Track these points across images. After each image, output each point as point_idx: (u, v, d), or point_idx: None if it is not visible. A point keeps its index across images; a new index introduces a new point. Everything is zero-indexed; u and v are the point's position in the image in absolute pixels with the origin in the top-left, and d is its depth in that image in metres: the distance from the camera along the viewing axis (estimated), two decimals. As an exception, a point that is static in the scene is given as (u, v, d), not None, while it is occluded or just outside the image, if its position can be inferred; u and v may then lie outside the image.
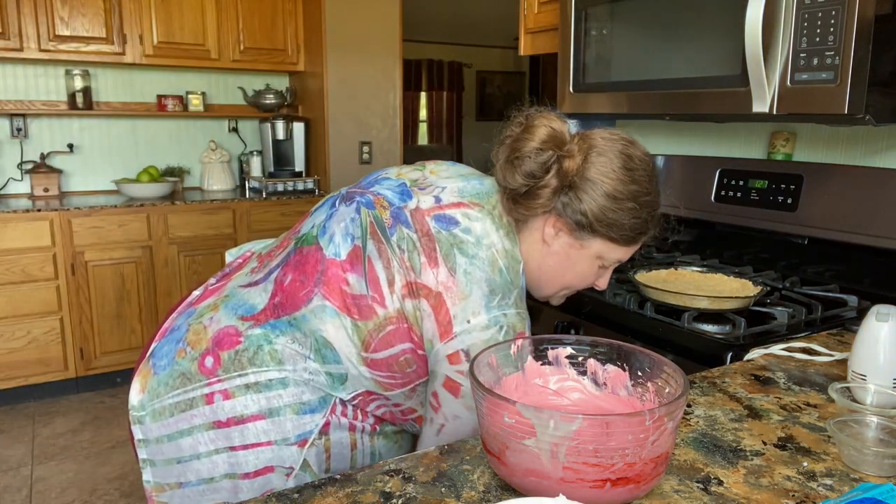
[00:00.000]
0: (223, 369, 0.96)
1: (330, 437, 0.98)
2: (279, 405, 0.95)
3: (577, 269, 1.03)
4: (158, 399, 0.99)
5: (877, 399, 0.90)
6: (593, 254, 1.01)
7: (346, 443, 1.01)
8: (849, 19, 1.15)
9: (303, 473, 0.96)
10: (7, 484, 2.53)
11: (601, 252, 1.01)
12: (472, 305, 0.92)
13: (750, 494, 0.71)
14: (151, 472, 1.00)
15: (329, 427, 0.98)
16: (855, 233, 1.51)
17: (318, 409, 0.97)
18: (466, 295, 0.92)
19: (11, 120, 3.50)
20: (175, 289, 3.45)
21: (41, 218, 3.10)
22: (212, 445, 0.96)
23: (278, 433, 0.95)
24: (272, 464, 0.96)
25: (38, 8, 3.21)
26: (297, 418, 0.96)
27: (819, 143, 1.67)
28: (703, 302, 1.36)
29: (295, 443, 0.96)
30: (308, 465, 0.97)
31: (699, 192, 1.87)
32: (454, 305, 0.92)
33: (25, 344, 3.13)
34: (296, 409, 0.96)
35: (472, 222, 0.96)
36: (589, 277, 1.05)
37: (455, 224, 0.96)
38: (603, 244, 1.00)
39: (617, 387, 0.81)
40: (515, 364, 0.82)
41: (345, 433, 1.00)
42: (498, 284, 0.94)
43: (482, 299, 0.93)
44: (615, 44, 1.62)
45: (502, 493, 0.71)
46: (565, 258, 1.01)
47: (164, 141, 3.93)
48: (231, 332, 0.98)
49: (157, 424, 0.99)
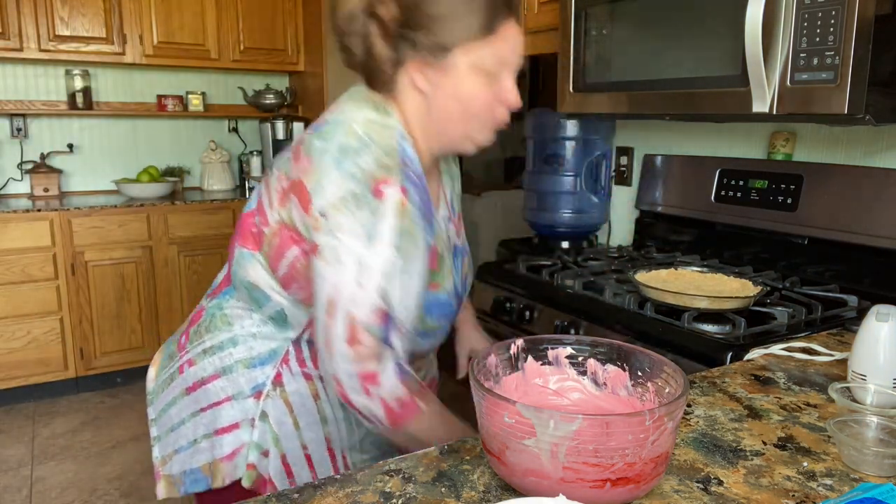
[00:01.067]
0: (189, 342, 1.10)
1: (286, 389, 1.03)
2: (231, 362, 1.04)
3: (467, 96, 0.94)
4: (157, 380, 1.15)
5: (877, 399, 0.90)
6: (467, 69, 0.92)
7: (306, 393, 1.03)
8: (849, 19, 1.15)
9: (263, 424, 1.03)
10: (7, 484, 2.54)
11: (474, 62, 0.92)
12: (323, 169, 0.89)
13: (750, 494, 0.71)
14: (158, 447, 1.11)
15: (282, 378, 1.03)
16: (855, 233, 1.51)
17: (268, 361, 1.03)
18: (318, 166, 0.90)
19: (11, 120, 3.50)
20: (175, 289, 3.45)
21: (41, 218, 3.10)
22: (187, 410, 1.07)
23: (234, 388, 1.04)
24: (236, 420, 1.04)
25: (38, 8, 3.22)
26: (248, 372, 1.03)
27: (819, 143, 1.67)
28: (703, 302, 1.36)
29: (250, 395, 1.03)
30: (266, 417, 1.03)
31: (699, 192, 1.87)
32: (310, 181, 0.90)
33: (25, 344, 3.13)
34: (246, 364, 1.04)
35: (335, 115, 0.95)
36: (486, 97, 0.94)
37: (324, 123, 0.94)
38: (464, 52, 0.91)
39: (617, 387, 0.81)
40: (515, 364, 0.82)
41: (301, 383, 1.03)
42: (352, 146, 0.90)
43: (333, 162, 0.89)
44: (615, 44, 1.62)
45: (502, 493, 0.71)
46: (449, 94, 0.94)
47: (164, 141, 3.94)
48: (199, 309, 1.13)
49: (156, 402, 1.13)
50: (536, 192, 2.19)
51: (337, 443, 1.07)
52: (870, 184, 1.50)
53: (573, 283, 1.64)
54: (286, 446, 1.04)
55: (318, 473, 1.06)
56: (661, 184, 2.00)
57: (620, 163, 2.21)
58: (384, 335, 0.91)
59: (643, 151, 2.12)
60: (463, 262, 1.11)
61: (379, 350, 0.90)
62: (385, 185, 0.89)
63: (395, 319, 0.91)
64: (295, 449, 1.05)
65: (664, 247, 2.00)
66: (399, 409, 0.92)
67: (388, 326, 0.91)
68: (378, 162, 0.90)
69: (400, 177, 0.91)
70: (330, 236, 0.88)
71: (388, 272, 0.89)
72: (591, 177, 2.16)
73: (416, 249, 0.93)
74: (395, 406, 0.92)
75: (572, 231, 2.18)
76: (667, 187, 1.99)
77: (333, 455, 1.07)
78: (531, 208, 2.23)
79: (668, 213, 1.98)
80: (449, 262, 1.05)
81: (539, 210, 2.19)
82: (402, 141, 0.94)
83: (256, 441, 1.03)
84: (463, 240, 1.14)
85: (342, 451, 1.08)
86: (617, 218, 2.25)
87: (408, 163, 0.94)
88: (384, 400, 0.91)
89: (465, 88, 0.93)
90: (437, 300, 1.01)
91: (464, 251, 1.13)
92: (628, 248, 2.06)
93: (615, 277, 1.67)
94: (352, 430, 1.07)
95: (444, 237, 1.05)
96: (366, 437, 1.08)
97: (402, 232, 0.90)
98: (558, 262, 1.87)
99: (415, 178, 0.94)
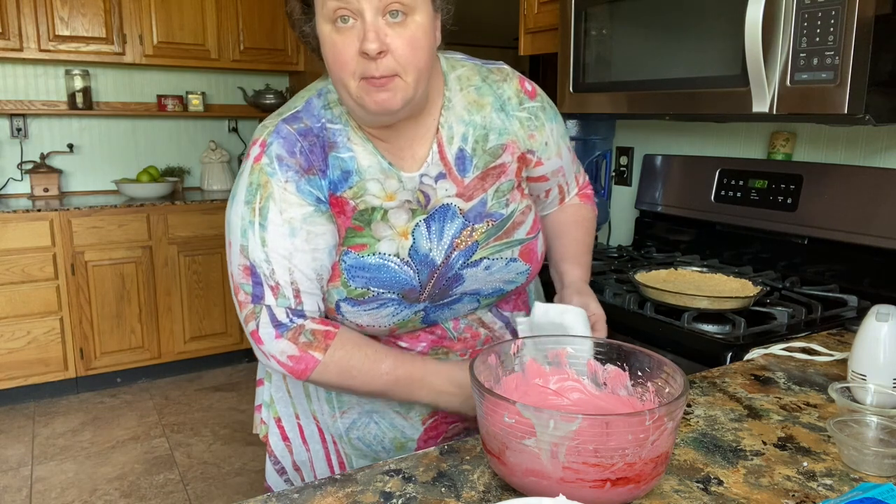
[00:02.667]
0: None
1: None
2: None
3: (326, 52, 0.86)
4: None
5: (877, 399, 0.90)
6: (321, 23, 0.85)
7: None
8: (849, 19, 1.15)
9: (269, 384, 1.13)
10: (7, 484, 2.53)
11: (320, 14, 0.84)
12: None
13: (750, 494, 0.71)
14: None
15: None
16: (855, 233, 1.51)
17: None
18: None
19: (11, 120, 3.50)
20: (175, 289, 3.45)
21: (41, 218, 3.10)
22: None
23: (262, 371, 1.17)
24: (260, 375, 1.17)
25: (37, 8, 3.21)
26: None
27: (819, 143, 1.67)
28: (703, 302, 1.36)
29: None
30: (271, 377, 1.13)
31: (699, 192, 1.87)
32: None
33: (25, 344, 3.13)
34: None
35: None
36: (339, 49, 0.84)
37: None
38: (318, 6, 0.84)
39: (617, 387, 0.81)
40: (515, 364, 0.82)
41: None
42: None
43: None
44: (615, 44, 1.62)
45: (502, 493, 0.71)
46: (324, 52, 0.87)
47: (164, 141, 3.93)
48: None
49: None
50: (536, 192, 2.19)
51: (325, 426, 1.06)
52: (870, 184, 1.50)
53: (573, 283, 1.64)
54: (281, 411, 1.10)
55: (311, 446, 1.08)
56: (661, 184, 2.00)
57: (620, 163, 2.21)
58: (255, 291, 0.91)
59: (643, 151, 2.12)
60: (470, 228, 0.97)
61: (252, 307, 0.91)
62: (253, 146, 0.92)
63: (261, 276, 0.90)
64: (289, 415, 1.10)
65: (664, 247, 2.00)
66: (294, 365, 0.92)
67: (256, 282, 0.90)
68: (262, 125, 0.94)
69: (266, 133, 0.91)
70: None
71: (243, 227, 0.90)
72: (591, 177, 2.16)
73: (275, 203, 0.89)
74: (287, 362, 0.92)
75: (572, 231, 2.18)
76: (667, 187, 1.99)
77: (324, 437, 1.07)
78: (531, 208, 2.22)
79: (668, 213, 1.98)
80: (402, 224, 0.94)
81: (539, 210, 2.19)
82: (314, 98, 0.94)
83: (265, 399, 1.14)
84: (487, 202, 0.98)
85: (332, 437, 1.06)
86: (617, 218, 2.25)
87: (301, 116, 0.92)
88: (275, 357, 0.92)
89: (324, 44, 0.86)
90: (360, 263, 0.92)
91: (477, 216, 0.97)
92: (628, 248, 2.06)
93: (615, 277, 1.67)
94: (333, 416, 1.04)
95: (409, 196, 0.94)
96: (350, 429, 1.04)
97: (254, 186, 0.90)
98: (558, 262, 1.87)
99: (297, 130, 0.90)
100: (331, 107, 0.94)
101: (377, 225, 0.93)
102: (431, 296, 0.96)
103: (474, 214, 0.97)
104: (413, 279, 0.94)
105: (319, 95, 0.94)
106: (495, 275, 0.99)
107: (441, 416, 1.04)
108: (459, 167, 0.96)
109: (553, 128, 1.04)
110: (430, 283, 0.96)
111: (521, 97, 1.01)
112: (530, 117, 1.01)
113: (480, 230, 0.97)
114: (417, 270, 0.94)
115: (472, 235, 0.97)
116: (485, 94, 0.99)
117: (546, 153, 1.04)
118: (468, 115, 0.97)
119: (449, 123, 0.96)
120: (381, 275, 0.93)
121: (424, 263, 0.95)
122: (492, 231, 0.98)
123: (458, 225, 0.96)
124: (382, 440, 1.03)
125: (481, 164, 0.97)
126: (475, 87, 0.98)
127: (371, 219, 0.93)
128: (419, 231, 0.94)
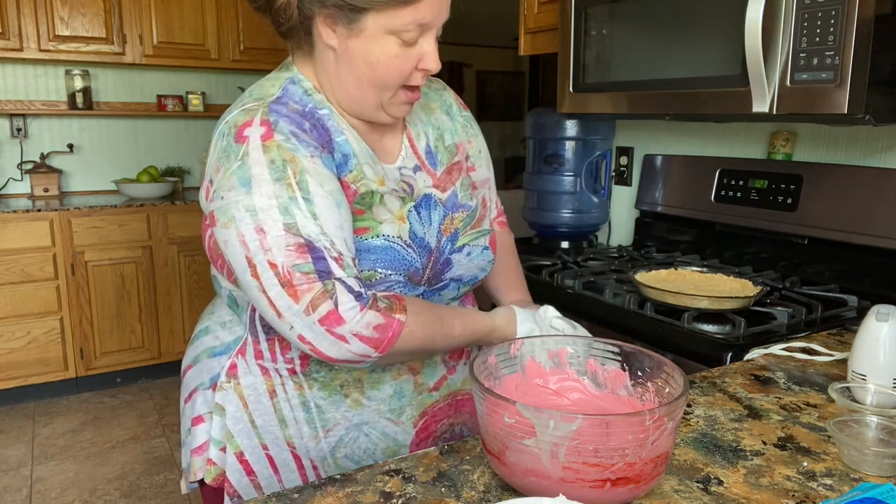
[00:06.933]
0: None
1: (240, 382, 0.97)
2: (199, 352, 1.05)
3: (376, 61, 0.87)
4: None
5: (877, 399, 0.90)
6: (380, 33, 0.85)
7: (262, 389, 0.97)
8: (849, 19, 1.15)
9: (220, 418, 0.98)
10: (7, 484, 2.54)
11: (388, 26, 0.84)
12: (211, 143, 0.90)
13: (750, 494, 0.71)
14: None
15: (237, 370, 0.98)
16: (855, 233, 1.51)
17: (226, 351, 1.01)
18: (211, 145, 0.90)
19: (11, 120, 3.50)
20: (175, 289, 3.45)
21: (41, 218, 3.10)
22: (181, 401, 1.08)
23: (198, 378, 1.03)
24: (201, 412, 1.01)
25: (37, 8, 3.21)
26: (209, 361, 1.02)
27: (819, 143, 1.67)
28: (703, 302, 1.36)
29: (209, 387, 1.01)
30: (223, 411, 0.98)
31: (699, 192, 1.87)
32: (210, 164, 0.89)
33: (25, 344, 3.13)
34: (208, 353, 1.03)
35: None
36: (399, 64, 0.87)
37: None
38: (379, 16, 0.84)
39: (617, 387, 0.81)
40: (515, 364, 0.82)
41: (258, 378, 0.97)
42: (230, 112, 0.89)
43: (216, 135, 0.89)
44: (615, 44, 1.62)
45: (502, 493, 0.71)
46: (359, 55, 0.87)
47: (163, 141, 3.93)
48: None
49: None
50: (536, 192, 2.19)
51: (303, 451, 0.98)
52: (870, 184, 1.50)
53: (573, 283, 1.64)
54: (243, 444, 0.97)
55: (283, 476, 0.99)
56: (661, 184, 2.00)
57: (620, 163, 2.21)
58: (318, 267, 0.82)
59: (643, 151, 2.12)
60: (450, 216, 1.01)
61: (321, 285, 0.82)
62: (247, 128, 0.85)
63: (322, 249, 0.83)
64: (254, 447, 0.98)
65: (664, 247, 2.00)
66: (380, 335, 0.85)
67: (317, 257, 0.82)
68: (243, 110, 0.87)
69: (261, 113, 0.86)
70: (217, 200, 0.85)
71: (283, 205, 0.82)
72: (591, 177, 2.16)
73: (311, 176, 0.85)
74: (373, 334, 0.84)
75: (572, 231, 2.18)
76: (667, 187, 1.99)
77: (301, 463, 0.99)
78: (531, 208, 2.23)
79: (668, 213, 1.98)
80: (397, 209, 0.95)
81: (539, 210, 2.20)
82: (289, 85, 0.92)
83: (214, 436, 0.98)
84: (458, 194, 1.04)
85: (311, 461, 0.99)
86: (617, 218, 2.25)
87: (286, 101, 0.89)
88: (358, 334, 0.84)
89: (375, 53, 0.86)
90: (364, 246, 0.90)
91: (453, 206, 1.02)
92: (628, 248, 2.06)
93: (615, 277, 1.67)
94: (316, 437, 0.98)
95: (394, 185, 0.97)
96: (337, 448, 0.99)
97: (279, 162, 0.84)
98: (558, 262, 1.87)
99: (293, 111, 0.88)
100: (310, 94, 0.93)
101: (377, 208, 0.93)
102: (429, 279, 0.98)
103: (451, 204, 1.03)
104: (416, 261, 0.95)
105: (294, 83, 0.92)
106: (475, 261, 1.04)
107: (431, 415, 1.04)
108: (430, 161, 1.03)
109: (482, 140, 1.14)
110: (429, 266, 0.97)
111: (458, 106, 1.11)
112: (467, 124, 1.11)
113: (459, 218, 1.03)
114: (419, 253, 0.96)
115: (453, 223, 1.02)
116: (432, 98, 1.08)
117: (479, 161, 1.12)
118: (425, 116, 1.06)
119: (413, 122, 1.04)
120: (386, 256, 0.92)
121: (423, 247, 0.97)
122: (467, 220, 1.04)
123: (440, 213, 1.01)
124: (374, 452, 1.00)
125: (445, 160, 1.05)
126: (423, 93, 1.04)
127: (371, 202, 0.93)
128: (413, 216, 0.97)
